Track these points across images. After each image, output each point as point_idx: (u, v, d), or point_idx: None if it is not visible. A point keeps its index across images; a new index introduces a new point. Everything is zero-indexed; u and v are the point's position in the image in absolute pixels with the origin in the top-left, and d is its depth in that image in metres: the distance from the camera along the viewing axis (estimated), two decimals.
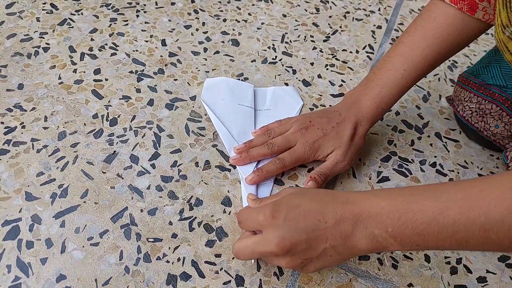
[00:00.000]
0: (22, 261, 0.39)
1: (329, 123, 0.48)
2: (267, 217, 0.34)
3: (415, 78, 0.48)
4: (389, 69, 0.48)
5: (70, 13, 0.64)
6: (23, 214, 0.42)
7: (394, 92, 0.48)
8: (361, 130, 0.48)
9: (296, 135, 0.47)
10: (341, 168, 0.47)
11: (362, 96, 0.49)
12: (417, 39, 0.47)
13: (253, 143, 0.49)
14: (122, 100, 0.54)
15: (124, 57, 0.59)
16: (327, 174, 0.46)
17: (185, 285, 0.39)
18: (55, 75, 0.55)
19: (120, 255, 0.40)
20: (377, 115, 0.49)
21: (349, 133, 0.47)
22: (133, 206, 0.44)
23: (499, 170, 0.54)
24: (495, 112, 0.51)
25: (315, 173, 0.46)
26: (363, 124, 0.48)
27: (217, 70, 0.60)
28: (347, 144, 0.47)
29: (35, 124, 0.49)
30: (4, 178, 0.44)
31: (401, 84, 0.47)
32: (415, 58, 0.47)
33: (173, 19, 0.66)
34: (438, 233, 0.30)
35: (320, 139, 0.47)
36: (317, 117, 0.49)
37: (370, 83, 0.49)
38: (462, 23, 0.46)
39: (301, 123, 0.48)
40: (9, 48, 0.57)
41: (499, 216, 0.27)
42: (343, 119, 0.48)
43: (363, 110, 0.48)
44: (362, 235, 0.33)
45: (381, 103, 0.48)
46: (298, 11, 0.73)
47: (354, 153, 0.48)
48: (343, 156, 0.47)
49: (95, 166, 0.47)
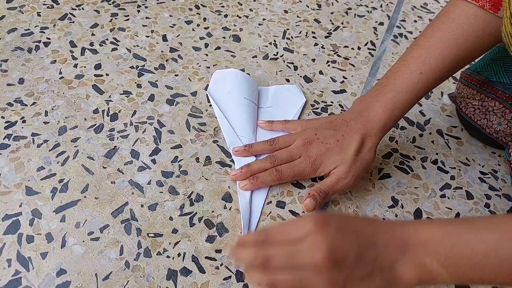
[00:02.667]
0: (22, 255, 0.39)
1: (334, 136, 0.44)
2: (318, 224, 0.30)
3: (432, 82, 0.44)
4: (404, 72, 0.44)
5: (71, 8, 0.64)
6: (24, 208, 0.42)
7: (409, 98, 0.44)
8: (369, 143, 0.44)
9: (300, 149, 0.45)
10: (343, 185, 0.44)
11: (374, 103, 0.45)
12: (435, 41, 0.44)
13: (253, 148, 0.48)
14: (123, 95, 0.53)
15: (125, 52, 0.59)
16: (327, 192, 0.43)
17: (185, 280, 0.39)
18: (55, 70, 0.55)
19: (120, 250, 0.40)
20: (390, 124, 0.45)
21: (354, 147, 0.43)
22: (134, 201, 0.44)
23: (501, 167, 0.54)
24: (498, 109, 0.50)
25: (314, 190, 0.43)
26: (373, 135, 0.44)
27: (218, 66, 0.60)
28: (351, 160, 0.43)
29: (36, 119, 0.49)
30: (4, 172, 0.44)
31: (417, 88, 0.44)
32: (433, 61, 0.43)
33: (174, 15, 0.66)
34: (497, 267, 0.27)
35: (323, 155, 0.44)
36: (324, 129, 0.45)
37: (383, 88, 0.45)
38: (483, 23, 0.42)
39: (306, 136, 0.45)
40: (10, 42, 0.57)
41: None
42: (349, 130, 0.44)
43: (373, 119, 0.44)
44: (410, 263, 0.29)
45: (395, 110, 0.44)
46: (299, 7, 0.73)
47: (359, 169, 0.44)
48: (346, 173, 0.43)
49: (96, 161, 0.46)
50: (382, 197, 0.49)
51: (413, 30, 0.73)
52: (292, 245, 0.30)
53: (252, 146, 0.48)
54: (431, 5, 0.79)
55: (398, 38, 0.71)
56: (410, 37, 0.71)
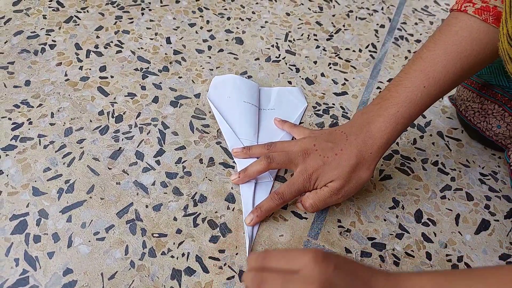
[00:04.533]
0: (29, 255, 0.40)
1: (332, 150, 0.43)
2: (317, 259, 0.30)
3: (436, 96, 0.43)
4: (407, 86, 0.43)
5: (76, 11, 0.65)
6: (31, 208, 0.43)
7: (412, 112, 0.43)
8: (369, 161, 0.43)
9: (298, 158, 0.44)
10: (334, 201, 0.44)
11: (376, 118, 0.43)
12: (437, 54, 0.43)
13: (251, 151, 0.48)
14: (128, 97, 0.54)
15: (129, 55, 0.60)
16: (317, 206, 0.44)
17: (189, 280, 0.40)
18: (61, 72, 0.56)
19: (125, 250, 0.41)
20: (392, 140, 0.44)
21: (351, 164, 0.42)
22: (138, 202, 0.45)
23: (500, 169, 0.55)
24: (497, 112, 0.51)
25: (305, 199, 0.44)
26: (374, 152, 0.43)
27: (221, 68, 0.60)
28: (346, 177, 0.42)
29: (42, 120, 0.50)
30: (11, 173, 0.45)
31: (421, 103, 0.43)
32: (436, 74, 0.42)
33: (178, 17, 0.67)
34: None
35: (320, 168, 0.43)
36: (323, 141, 0.44)
37: (385, 102, 0.44)
38: (487, 37, 0.41)
39: (305, 146, 0.44)
40: (16, 45, 0.58)
41: None
42: (349, 145, 0.43)
43: (375, 135, 0.43)
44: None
45: (398, 125, 0.43)
46: (301, 10, 0.73)
47: (352, 187, 0.43)
48: (338, 189, 0.43)
49: (101, 162, 0.47)
50: (383, 198, 0.49)
51: (414, 32, 0.73)
52: (288, 273, 0.31)
53: (250, 148, 0.48)
54: (431, 7, 0.80)
55: (399, 40, 0.71)
56: (411, 40, 0.72)
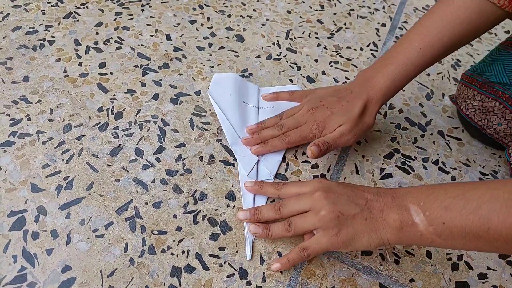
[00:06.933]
0: (28, 251, 0.39)
1: (339, 102, 0.48)
2: (322, 179, 0.41)
3: (431, 58, 0.48)
4: (405, 47, 0.48)
5: (75, 7, 0.64)
6: (29, 205, 0.42)
7: (408, 71, 0.48)
8: (371, 109, 0.48)
9: (306, 115, 0.49)
10: (345, 141, 0.48)
11: (376, 74, 0.49)
12: (434, 19, 0.48)
13: (265, 124, 0.51)
14: (127, 94, 0.54)
15: (129, 51, 0.59)
16: (330, 143, 0.47)
17: (189, 278, 0.40)
18: (60, 68, 0.55)
19: (125, 247, 0.41)
20: (390, 94, 0.49)
21: (358, 110, 0.47)
22: (138, 199, 0.44)
23: (501, 168, 0.55)
24: (498, 109, 0.51)
25: (319, 140, 0.47)
26: (374, 102, 0.48)
27: (221, 66, 0.60)
28: (355, 120, 0.47)
29: (41, 117, 0.50)
30: (10, 169, 0.45)
31: (416, 63, 0.48)
32: (432, 38, 0.47)
33: (178, 14, 0.67)
34: (463, 207, 0.31)
35: (327, 118, 0.48)
36: (328, 96, 0.49)
37: (385, 61, 0.49)
38: (478, 7, 0.46)
39: (312, 103, 0.49)
40: (15, 40, 0.58)
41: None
42: (354, 97, 0.48)
43: (375, 88, 0.48)
44: (395, 206, 0.36)
45: (395, 81, 0.48)
46: (302, 8, 0.73)
47: (361, 130, 0.48)
48: (349, 130, 0.47)
49: (100, 159, 0.47)
50: None
51: None
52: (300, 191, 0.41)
53: (264, 122, 0.51)
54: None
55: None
56: None
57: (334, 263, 0.42)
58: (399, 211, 0.35)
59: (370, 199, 0.38)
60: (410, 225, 0.35)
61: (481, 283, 0.43)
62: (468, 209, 0.31)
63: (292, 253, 0.40)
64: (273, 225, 0.41)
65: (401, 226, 0.35)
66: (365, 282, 0.42)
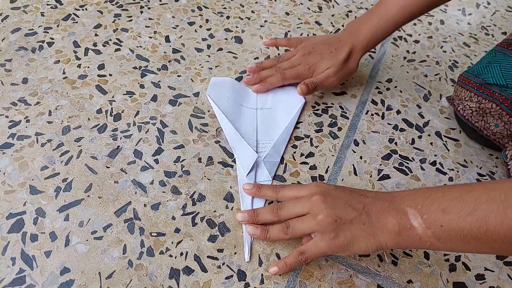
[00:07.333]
0: (26, 253, 0.39)
1: (328, 49, 0.56)
2: (319, 183, 0.41)
3: (409, 15, 0.54)
4: (389, 3, 0.55)
5: (74, 8, 0.64)
6: (28, 207, 0.42)
7: (389, 25, 0.55)
8: (355, 56, 0.56)
9: (300, 59, 0.57)
10: (331, 82, 0.55)
11: (361, 26, 0.56)
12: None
13: (263, 64, 0.58)
14: (126, 96, 0.54)
15: (128, 53, 0.59)
16: (317, 83, 0.55)
17: (187, 279, 0.40)
18: (59, 70, 0.55)
19: (123, 249, 0.41)
20: (371, 44, 0.56)
21: (344, 56, 0.55)
22: (137, 201, 0.44)
23: (498, 169, 0.55)
24: (495, 111, 0.51)
25: (308, 80, 0.55)
26: (358, 50, 0.55)
27: (220, 67, 0.60)
28: (340, 64, 0.55)
29: (40, 118, 0.50)
30: (8, 171, 0.45)
31: (396, 19, 0.54)
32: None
33: (177, 16, 0.67)
34: (460, 210, 0.32)
35: (318, 62, 0.56)
36: (320, 44, 0.57)
37: (371, 14, 0.56)
38: None
39: (306, 49, 0.57)
40: (14, 42, 0.58)
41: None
42: (341, 45, 0.56)
43: (359, 38, 0.55)
44: (393, 210, 0.36)
45: (376, 34, 0.55)
46: (301, 9, 0.73)
47: (345, 73, 0.56)
48: (335, 73, 0.55)
49: (99, 160, 0.47)
50: None
51: (412, 33, 0.73)
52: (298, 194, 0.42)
53: (263, 62, 0.59)
54: None
55: (398, 41, 0.71)
56: (410, 40, 0.72)
57: (332, 265, 0.43)
58: (397, 215, 0.35)
59: (368, 203, 0.38)
60: (408, 229, 0.35)
61: (479, 284, 0.44)
62: (465, 211, 0.31)
63: (289, 256, 0.40)
64: (271, 227, 0.41)
65: (399, 230, 0.35)
66: (363, 283, 0.42)
